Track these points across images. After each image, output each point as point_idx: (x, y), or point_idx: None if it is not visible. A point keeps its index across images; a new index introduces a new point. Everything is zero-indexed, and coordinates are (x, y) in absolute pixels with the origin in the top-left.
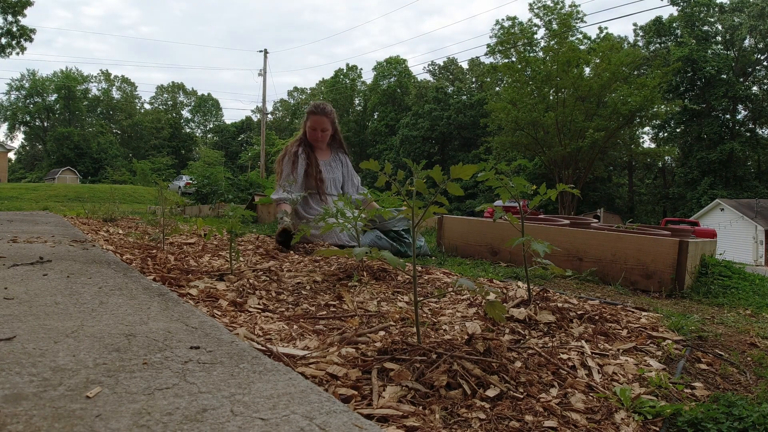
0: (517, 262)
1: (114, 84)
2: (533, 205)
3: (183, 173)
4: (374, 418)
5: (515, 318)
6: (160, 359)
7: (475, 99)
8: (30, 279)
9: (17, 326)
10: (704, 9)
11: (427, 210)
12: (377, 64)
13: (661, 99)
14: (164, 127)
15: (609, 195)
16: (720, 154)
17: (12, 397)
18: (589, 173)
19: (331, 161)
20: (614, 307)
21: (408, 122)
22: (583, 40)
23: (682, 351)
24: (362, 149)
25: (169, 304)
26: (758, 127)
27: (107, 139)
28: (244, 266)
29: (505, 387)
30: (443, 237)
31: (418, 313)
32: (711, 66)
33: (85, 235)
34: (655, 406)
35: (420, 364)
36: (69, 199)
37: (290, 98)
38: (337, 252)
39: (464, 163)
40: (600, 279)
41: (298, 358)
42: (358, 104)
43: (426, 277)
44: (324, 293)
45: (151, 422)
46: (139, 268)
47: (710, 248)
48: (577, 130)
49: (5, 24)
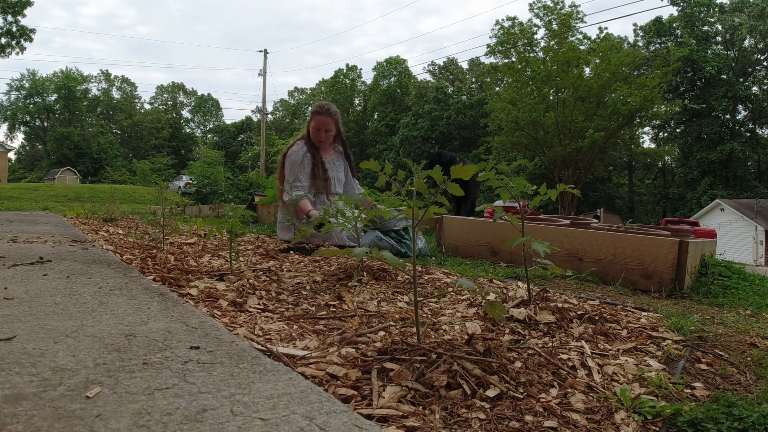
0: (517, 262)
1: (114, 84)
2: (533, 205)
3: (183, 173)
4: (374, 418)
5: (515, 318)
6: (160, 359)
7: (475, 99)
8: (30, 279)
9: (17, 326)
10: (704, 9)
11: (427, 210)
12: (377, 64)
13: (661, 99)
14: (164, 127)
15: (609, 195)
16: (720, 154)
17: (12, 397)
18: (589, 173)
19: (335, 160)
20: (614, 308)
21: (408, 122)
22: (583, 40)
23: (682, 351)
24: (362, 149)
25: (169, 304)
26: (758, 128)
27: (107, 139)
28: (244, 266)
29: (505, 387)
30: (443, 237)
31: (418, 313)
32: (711, 66)
33: (85, 235)
34: (655, 406)
35: (420, 364)
36: (69, 199)
37: (290, 98)
38: (337, 252)
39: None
40: (600, 279)
41: (298, 358)
42: (358, 104)
43: (426, 277)
44: (324, 293)
45: (150, 422)
46: (139, 268)
47: (710, 248)
48: (577, 131)
49: (5, 24)
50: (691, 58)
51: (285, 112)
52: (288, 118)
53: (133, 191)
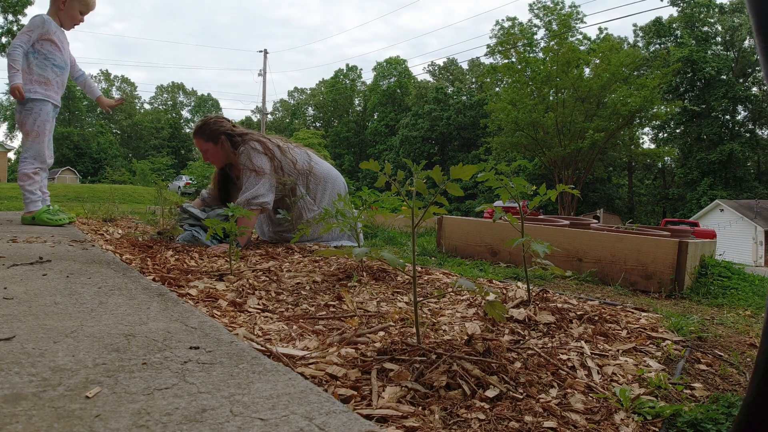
0: (516, 262)
1: (114, 84)
2: (533, 205)
3: (183, 173)
4: (374, 419)
5: (515, 318)
6: (159, 359)
7: (475, 99)
8: (29, 279)
9: (17, 326)
10: (704, 10)
11: (426, 210)
12: (377, 65)
13: (661, 100)
14: (164, 127)
15: (609, 195)
16: (720, 155)
17: (11, 397)
18: (589, 174)
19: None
20: (614, 308)
21: (408, 122)
22: (582, 40)
23: (681, 351)
24: (362, 149)
25: (169, 304)
26: (758, 128)
27: (107, 139)
28: (244, 266)
29: (504, 387)
30: (443, 237)
31: (417, 313)
32: (711, 67)
33: (85, 235)
34: (654, 406)
35: (419, 365)
36: (68, 199)
37: (290, 98)
38: (337, 252)
39: (464, 164)
40: (600, 280)
41: (298, 358)
42: (358, 104)
43: (426, 277)
44: (324, 293)
45: (150, 422)
46: (139, 268)
47: (710, 249)
48: (576, 131)
49: (5, 23)
50: (690, 58)
51: (285, 113)
52: (288, 118)
53: (132, 191)
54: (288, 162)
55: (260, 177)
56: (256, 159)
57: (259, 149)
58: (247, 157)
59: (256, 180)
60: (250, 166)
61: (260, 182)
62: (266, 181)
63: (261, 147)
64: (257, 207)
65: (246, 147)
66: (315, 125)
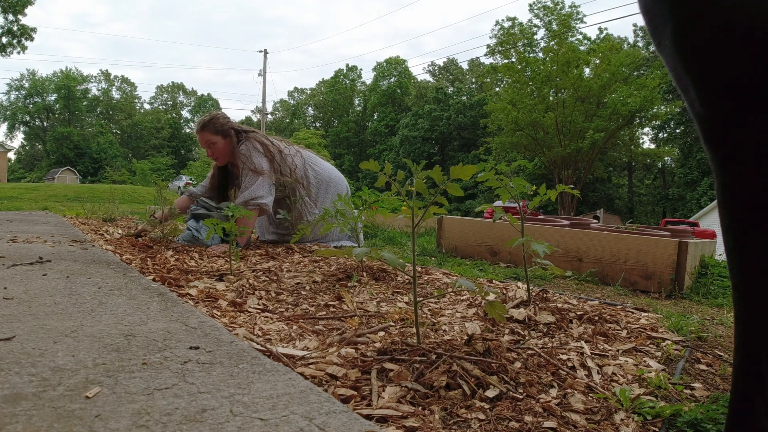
0: (516, 262)
1: (114, 84)
2: (533, 205)
3: (183, 173)
4: (374, 419)
5: (515, 318)
6: (159, 359)
7: (475, 100)
8: (29, 279)
9: (17, 326)
10: None
11: (426, 210)
12: (377, 65)
13: (661, 100)
14: (164, 127)
15: (609, 196)
16: None
17: (11, 397)
18: (589, 174)
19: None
20: (614, 308)
21: (408, 122)
22: (582, 40)
23: (681, 352)
24: (362, 149)
25: (169, 304)
26: None
27: (107, 139)
28: (244, 266)
29: (504, 387)
30: (443, 237)
31: (417, 313)
32: None
33: (85, 235)
34: (654, 406)
35: (419, 365)
36: (68, 199)
37: (290, 98)
38: (337, 252)
39: (464, 164)
40: (600, 280)
41: (298, 358)
42: (358, 104)
43: (426, 277)
44: (324, 293)
45: (150, 422)
46: (139, 268)
47: (710, 249)
48: (576, 131)
49: (6, 23)
50: None
51: (285, 113)
52: (288, 118)
53: (132, 191)
54: (287, 168)
55: (258, 177)
56: (256, 158)
57: (260, 150)
58: (247, 154)
59: (254, 180)
60: (249, 165)
61: (259, 182)
62: (266, 181)
63: (262, 148)
64: (255, 207)
65: (247, 144)
66: (315, 125)
